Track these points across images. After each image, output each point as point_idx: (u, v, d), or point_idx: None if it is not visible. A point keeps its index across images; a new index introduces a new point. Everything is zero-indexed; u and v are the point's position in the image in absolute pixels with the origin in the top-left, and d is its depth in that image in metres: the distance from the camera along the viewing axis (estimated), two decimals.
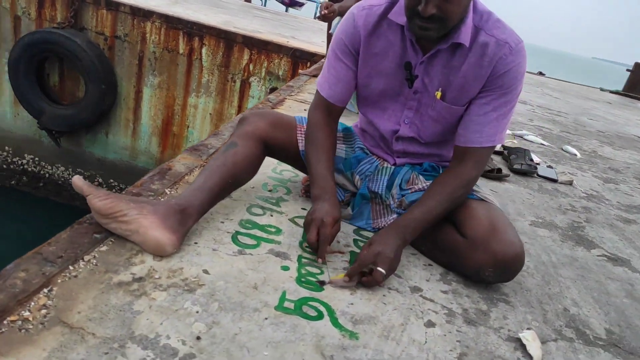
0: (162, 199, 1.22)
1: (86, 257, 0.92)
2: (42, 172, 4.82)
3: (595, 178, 2.50)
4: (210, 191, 1.13)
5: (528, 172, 2.23)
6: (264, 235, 1.19)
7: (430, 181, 1.29)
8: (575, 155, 2.89)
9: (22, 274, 0.81)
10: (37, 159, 4.82)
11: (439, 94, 1.20)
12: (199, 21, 4.46)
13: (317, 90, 1.31)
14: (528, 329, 1.06)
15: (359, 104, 1.36)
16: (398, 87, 1.24)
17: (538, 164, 2.38)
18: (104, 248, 0.96)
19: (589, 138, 3.60)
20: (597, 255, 1.55)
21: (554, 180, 2.24)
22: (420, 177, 1.32)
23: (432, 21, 1.04)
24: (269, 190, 1.44)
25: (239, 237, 1.15)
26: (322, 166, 1.22)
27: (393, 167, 1.35)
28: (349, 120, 1.72)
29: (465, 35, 1.12)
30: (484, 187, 1.37)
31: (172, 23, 4.41)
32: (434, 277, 1.19)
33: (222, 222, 1.19)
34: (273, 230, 1.22)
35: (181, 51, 4.48)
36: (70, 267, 0.88)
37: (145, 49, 4.49)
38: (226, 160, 1.19)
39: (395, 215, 1.30)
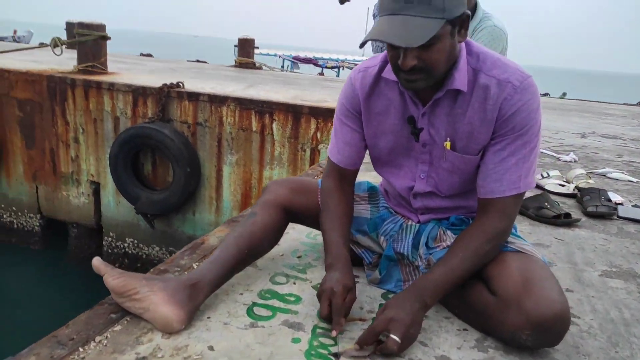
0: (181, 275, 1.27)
1: (98, 338, 0.97)
2: (140, 253, 5.28)
3: None
4: (225, 264, 1.15)
5: (606, 214, 1.98)
6: (282, 305, 1.17)
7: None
8: None
9: (33, 358, 0.87)
10: (136, 241, 5.30)
11: (448, 144, 1.15)
12: (268, 99, 4.78)
13: (327, 157, 1.32)
14: None
15: (373, 165, 1.34)
16: (406, 142, 1.20)
17: (620, 203, 2.11)
18: (117, 328, 1.01)
19: None
20: None
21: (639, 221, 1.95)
22: (448, 232, 1.24)
23: (415, 73, 1.01)
24: (298, 257, 1.44)
25: (255, 308, 1.14)
26: (334, 234, 1.20)
27: (418, 224, 1.29)
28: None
29: (460, 81, 1.08)
30: (530, 237, 1.24)
31: (244, 104, 4.79)
32: (468, 343, 1.07)
33: (241, 294, 1.20)
34: (292, 299, 1.20)
35: (254, 129, 4.80)
36: (80, 349, 0.93)
37: (223, 131, 4.88)
38: (243, 231, 1.22)
39: None
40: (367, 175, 2.34)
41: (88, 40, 5.53)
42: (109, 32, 5.82)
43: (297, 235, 1.52)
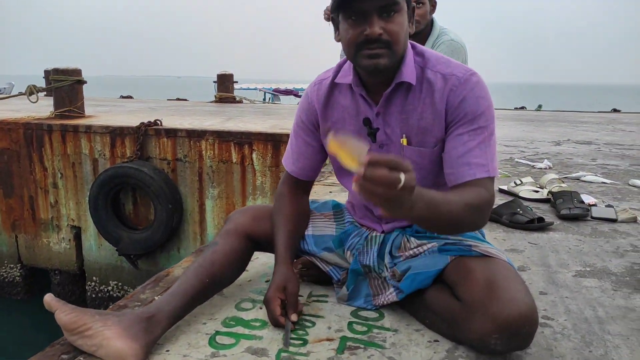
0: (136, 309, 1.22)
1: None
2: (125, 295, 5.14)
3: None
4: (185, 295, 1.11)
5: (579, 215, 1.98)
6: (246, 331, 1.13)
7: (424, 241, 1.19)
8: None
9: None
10: (120, 283, 5.17)
11: (404, 141, 1.15)
12: (247, 130, 4.80)
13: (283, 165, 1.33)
14: None
15: (336, 176, 1.33)
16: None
17: (593, 204, 2.11)
18: None
19: None
20: None
21: (613, 220, 1.95)
22: (412, 239, 1.22)
23: (380, 46, 1.03)
24: (266, 281, 1.40)
25: (217, 337, 1.10)
26: (278, 238, 1.23)
27: (382, 235, 1.27)
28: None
29: (408, 74, 1.11)
30: (505, 244, 1.22)
31: (223, 137, 4.79)
32: (438, 354, 1.04)
33: (204, 324, 1.16)
34: (258, 324, 1.16)
35: (234, 160, 4.79)
36: None
37: (203, 165, 4.86)
38: (203, 261, 1.19)
39: (393, 289, 1.19)
40: (342, 196, 2.33)
41: (64, 86, 5.53)
42: (90, 79, 5.85)
43: (266, 259, 1.49)
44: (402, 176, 0.79)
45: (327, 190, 2.54)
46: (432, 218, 0.96)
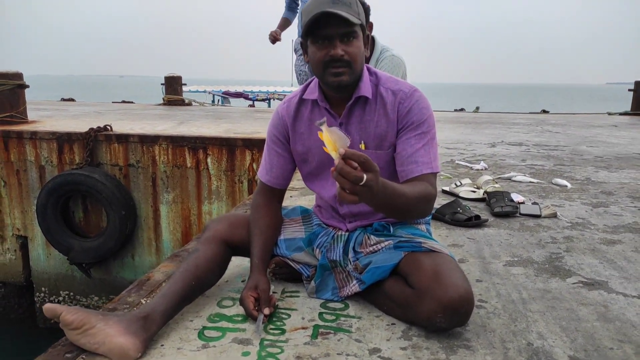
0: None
1: None
2: (77, 305, 5.04)
3: (583, 205, 2.50)
4: (175, 296, 1.25)
5: (510, 213, 2.27)
6: (230, 325, 1.28)
7: (382, 239, 1.40)
8: (566, 186, 2.90)
9: None
10: (72, 293, 5.07)
11: (362, 146, 1.38)
12: (201, 135, 4.85)
13: (257, 177, 1.50)
14: None
15: (305, 182, 1.52)
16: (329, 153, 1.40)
17: (522, 202, 2.42)
18: None
19: (584, 166, 3.60)
20: (572, 284, 1.55)
21: (537, 216, 2.26)
22: (372, 236, 1.43)
23: (342, 65, 1.27)
24: (242, 281, 1.55)
25: (205, 331, 1.25)
26: (253, 247, 1.40)
27: (347, 233, 1.46)
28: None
29: (365, 89, 1.35)
30: (447, 239, 1.45)
31: (177, 142, 4.82)
32: (395, 335, 1.24)
33: (191, 321, 1.30)
34: (240, 319, 1.31)
35: (189, 165, 4.83)
36: None
37: (157, 170, 4.87)
38: (189, 265, 1.34)
39: (356, 281, 1.38)
40: (302, 200, 2.50)
41: (5, 90, 5.33)
42: (24, 79, 5.64)
43: (239, 262, 1.64)
44: (365, 176, 0.99)
45: (288, 195, 2.71)
46: (390, 205, 1.16)
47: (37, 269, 5.10)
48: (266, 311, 1.28)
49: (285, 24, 3.99)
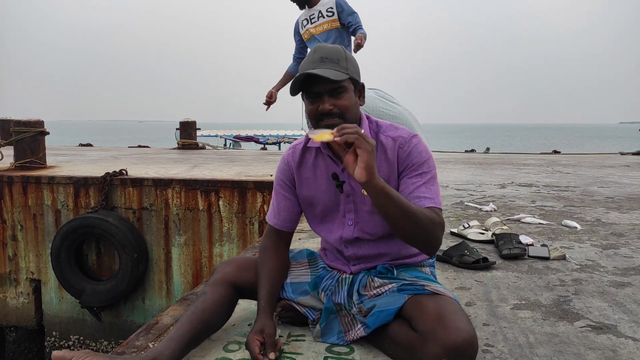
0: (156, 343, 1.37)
1: None
2: (87, 349, 5.01)
3: (593, 247, 2.48)
4: (182, 339, 1.28)
5: (518, 255, 2.26)
6: None
7: (386, 281, 1.42)
8: (576, 228, 2.88)
9: None
10: (82, 338, 5.05)
11: (364, 191, 1.41)
12: (213, 178, 4.95)
13: (266, 222, 1.56)
14: None
15: (310, 225, 1.56)
16: (334, 197, 1.47)
17: (530, 244, 2.41)
18: None
19: (595, 207, 3.59)
20: (580, 327, 1.53)
21: (546, 258, 2.25)
22: (376, 279, 1.45)
23: (333, 117, 1.33)
24: (249, 325, 1.56)
25: None
26: (261, 290, 1.43)
27: (351, 276, 1.49)
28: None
29: None
30: (455, 282, 1.46)
31: (189, 185, 4.91)
32: None
33: None
34: None
35: (201, 208, 4.91)
36: None
37: (169, 213, 4.94)
38: (196, 308, 1.37)
39: (361, 325, 1.39)
40: (310, 242, 2.53)
41: (26, 138, 5.54)
42: (45, 125, 5.86)
43: (246, 305, 1.66)
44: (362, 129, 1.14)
45: (296, 237, 2.74)
46: (393, 207, 1.24)
47: (49, 312, 5.12)
48: (271, 356, 1.29)
49: (287, 80, 4.11)
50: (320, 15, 3.73)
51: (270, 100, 4.02)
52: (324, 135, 1.21)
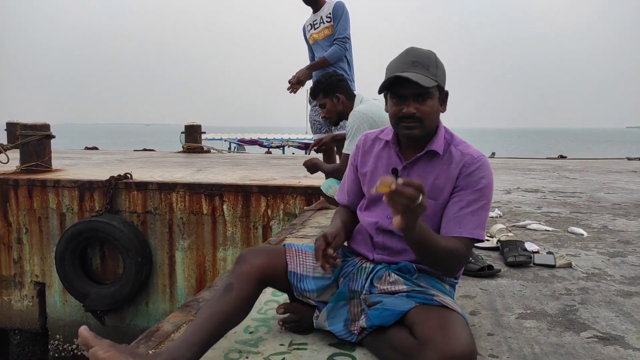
0: (160, 349, 1.36)
1: None
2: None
3: (600, 255, 2.45)
4: (202, 341, 1.26)
5: (523, 263, 2.23)
6: None
7: (400, 279, 1.42)
8: (582, 235, 2.85)
9: None
10: None
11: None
12: (217, 182, 4.95)
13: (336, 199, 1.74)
14: None
15: (359, 210, 1.61)
16: None
17: (536, 252, 2.38)
18: None
19: (602, 214, 3.55)
20: (587, 338, 1.51)
21: (552, 266, 2.22)
22: (393, 274, 1.44)
23: (414, 120, 1.39)
24: (250, 332, 1.55)
25: None
26: (337, 220, 1.59)
27: (371, 265, 1.49)
28: None
29: (438, 145, 1.44)
30: (459, 290, 1.46)
31: (194, 189, 4.91)
32: None
33: None
34: None
35: (205, 212, 4.90)
36: None
37: (174, 217, 4.94)
38: (219, 309, 1.32)
39: (364, 316, 1.39)
40: None
41: (32, 141, 5.57)
42: (51, 128, 5.89)
43: None
44: (421, 196, 1.13)
45: (300, 243, 2.72)
46: (423, 243, 1.28)
47: (53, 316, 5.13)
48: (330, 251, 1.41)
49: (322, 64, 3.66)
50: (321, 21, 3.74)
51: (300, 81, 3.71)
52: (385, 187, 1.15)
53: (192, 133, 9.59)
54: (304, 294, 1.50)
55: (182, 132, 9.84)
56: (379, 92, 1.46)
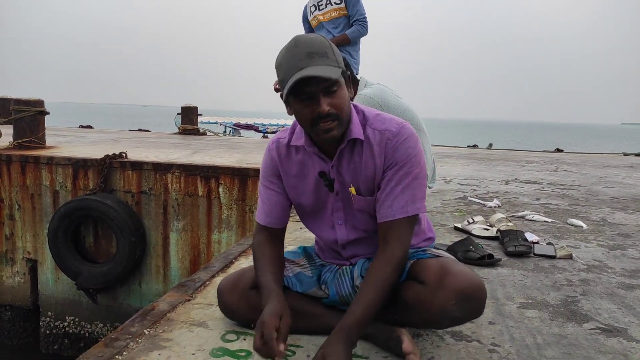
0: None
1: None
2: (81, 332, 4.99)
3: (600, 247, 2.43)
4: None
5: (524, 252, 2.21)
6: None
7: None
8: (581, 227, 2.84)
9: None
10: (77, 319, 5.03)
11: (353, 190, 1.35)
12: (214, 164, 4.89)
13: (256, 221, 1.46)
14: None
15: (301, 219, 1.51)
16: (324, 195, 1.39)
17: (536, 242, 2.36)
18: None
19: (600, 207, 3.53)
20: (590, 329, 1.49)
21: (552, 257, 2.20)
22: None
23: (331, 119, 1.22)
24: None
25: None
26: (265, 277, 1.31)
27: (350, 266, 1.45)
28: None
29: (357, 131, 1.30)
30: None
31: (190, 170, 4.85)
32: None
33: (194, 354, 1.26)
34: (244, 354, 1.28)
35: (200, 194, 4.85)
36: None
37: (169, 198, 4.89)
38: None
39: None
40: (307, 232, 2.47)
41: (26, 117, 5.47)
42: (47, 105, 5.79)
43: None
44: None
45: (297, 226, 2.68)
46: (369, 322, 1.20)
47: (44, 293, 5.09)
48: (281, 347, 1.13)
49: (341, 41, 3.63)
50: (328, 2, 3.64)
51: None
52: None
53: (189, 114, 9.49)
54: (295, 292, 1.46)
55: (178, 114, 9.73)
56: (285, 100, 1.26)
